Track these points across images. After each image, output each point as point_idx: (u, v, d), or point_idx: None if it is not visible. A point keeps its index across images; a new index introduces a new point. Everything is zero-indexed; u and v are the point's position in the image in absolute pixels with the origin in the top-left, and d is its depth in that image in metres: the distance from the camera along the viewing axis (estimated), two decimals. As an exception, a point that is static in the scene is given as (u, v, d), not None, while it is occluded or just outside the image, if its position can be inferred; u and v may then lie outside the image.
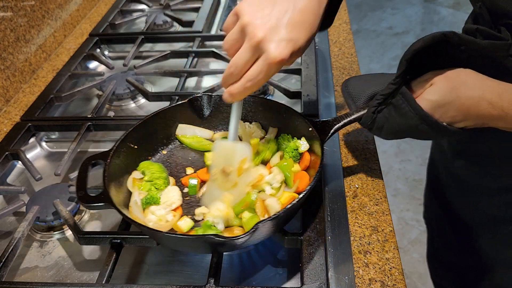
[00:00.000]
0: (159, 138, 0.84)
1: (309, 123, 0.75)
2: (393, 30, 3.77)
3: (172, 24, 1.44)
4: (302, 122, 0.77)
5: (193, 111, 0.86)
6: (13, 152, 0.92)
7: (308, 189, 0.65)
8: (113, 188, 0.70)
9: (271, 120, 0.84)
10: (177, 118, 0.85)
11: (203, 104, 0.86)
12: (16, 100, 1.11)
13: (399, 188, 2.34)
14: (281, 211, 0.61)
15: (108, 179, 0.70)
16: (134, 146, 0.79)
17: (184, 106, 0.85)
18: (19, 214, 0.84)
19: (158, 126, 0.83)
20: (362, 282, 0.64)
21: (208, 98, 0.86)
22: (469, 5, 0.76)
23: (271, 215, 0.61)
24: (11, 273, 0.73)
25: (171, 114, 0.84)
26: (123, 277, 0.72)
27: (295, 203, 0.62)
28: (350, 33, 1.26)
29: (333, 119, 0.74)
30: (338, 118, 0.74)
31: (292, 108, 0.80)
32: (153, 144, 0.83)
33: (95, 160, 0.74)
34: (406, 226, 2.13)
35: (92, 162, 0.74)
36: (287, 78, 1.16)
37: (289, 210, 0.62)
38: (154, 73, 1.16)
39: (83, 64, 1.25)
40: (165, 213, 0.70)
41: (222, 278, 0.69)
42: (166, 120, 0.84)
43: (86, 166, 0.74)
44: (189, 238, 0.63)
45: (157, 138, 0.84)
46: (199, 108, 0.86)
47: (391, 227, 0.72)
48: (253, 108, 0.86)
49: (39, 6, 1.22)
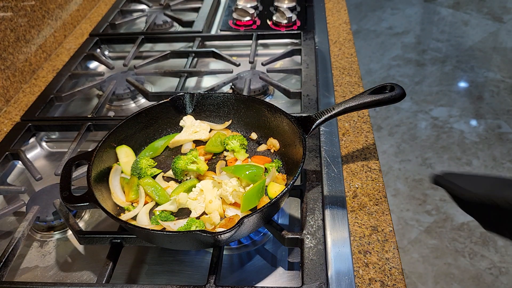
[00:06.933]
0: (143, 137, 0.85)
1: (290, 119, 0.77)
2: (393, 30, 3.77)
3: (172, 24, 1.44)
4: (284, 118, 0.78)
5: (175, 110, 0.87)
6: (13, 152, 0.92)
7: (291, 183, 0.66)
8: (98, 188, 0.71)
9: (253, 117, 0.85)
10: (160, 117, 0.86)
11: (185, 102, 0.87)
12: (16, 100, 1.11)
13: (399, 188, 2.34)
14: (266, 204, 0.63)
15: (92, 179, 0.71)
16: (117, 146, 0.80)
17: (167, 105, 0.86)
18: (19, 214, 0.84)
19: (141, 125, 0.84)
20: (362, 282, 0.64)
21: (190, 97, 0.87)
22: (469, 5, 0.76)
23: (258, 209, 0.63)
24: (11, 273, 0.73)
25: (154, 113, 0.85)
26: (123, 277, 0.72)
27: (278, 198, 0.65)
28: (350, 33, 1.26)
29: (315, 114, 0.76)
30: (320, 113, 0.76)
31: (273, 104, 0.82)
32: (136, 143, 0.84)
33: (79, 161, 0.75)
34: (406, 226, 2.13)
35: (76, 162, 0.75)
36: (287, 78, 1.16)
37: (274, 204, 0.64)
38: (154, 73, 1.16)
39: (83, 64, 1.25)
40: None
41: (222, 278, 0.69)
42: (149, 119, 0.85)
43: (69, 166, 0.74)
44: (176, 235, 0.63)
45: (140, 137, 0.85)
46: (181, 106, 0.87)
47: (391, 227, 0.72)
48: (235, 106, 0.87)
49: (39, 6, 1.22)
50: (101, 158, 0.76)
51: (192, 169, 0.77)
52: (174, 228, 0.68)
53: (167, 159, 0.84)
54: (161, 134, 0.87)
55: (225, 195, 0.71)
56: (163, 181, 0.80)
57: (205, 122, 0.88)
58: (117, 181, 0.77)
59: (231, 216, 0.68)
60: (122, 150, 0.81)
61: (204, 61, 1.26)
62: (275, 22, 1.33)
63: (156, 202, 0.75)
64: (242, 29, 1.33)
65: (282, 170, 0.79)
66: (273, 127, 0.82)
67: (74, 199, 0.68)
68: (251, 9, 1.35)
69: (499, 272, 1.91)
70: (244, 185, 0.74)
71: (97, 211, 0.84)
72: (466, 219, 2.15)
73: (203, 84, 1.18)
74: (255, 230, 0.69)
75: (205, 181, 0.75)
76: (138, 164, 0.79)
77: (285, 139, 0.80)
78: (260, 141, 0.85)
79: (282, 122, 0.80)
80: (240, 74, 1.10)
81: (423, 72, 3.22)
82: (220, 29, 1.36)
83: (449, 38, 3.58)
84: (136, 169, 0.78)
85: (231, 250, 0.75)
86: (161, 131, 0.87)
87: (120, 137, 0.81)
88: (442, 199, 2.26)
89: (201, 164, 0.77)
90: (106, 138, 0.78)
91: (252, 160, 0.81)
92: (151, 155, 0.84)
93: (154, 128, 0.86)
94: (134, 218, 0.73)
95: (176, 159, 0.77)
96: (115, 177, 0.77)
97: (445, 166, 2.44)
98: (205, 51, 1.21)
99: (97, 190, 0.71)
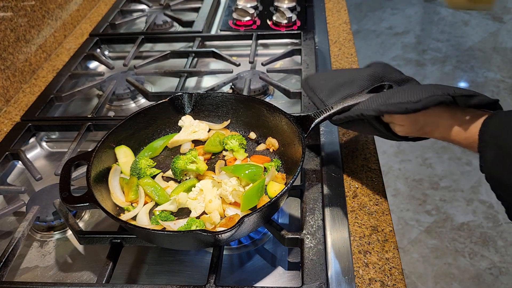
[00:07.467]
0: (142, 137, 0.85)
1: (289, 118, 0.77)
2: (393, 30, 3.77)
3: (172, 24, 1.44)
4: (282, 117, 0.78)
5: (174, 110, 0.87)
6: (13, 152, 0.92)
7: (291, 182, 0.66)
8: (97, 188, 0.71)
9: (251, 117, 0.85)
10: (159, 117, 0.86)
11: (184, 102, 0.87)
12: (16, 100, 1.11)
13: (399, 188, 2.34)
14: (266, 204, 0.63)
15: (92, 179, 0.71)
16: (116, 146, 0.80)
17: (165, 105, 0.86)
18: (19, 214, 0.84)
19: (139, 125, 0.84)
20: (362, 282, 0.64)
21: (189, 97, 0.87)
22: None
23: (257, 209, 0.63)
24: (11, 273, 0.73)
25: (152, 113, 0.85)
26: (123, 277, 0.72)
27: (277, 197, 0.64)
28: (350, 33, 1.26)
29: (314, 113, 0.76)
30: (319, 112, 0.76)
31: (272, 104, 0.82)
32: (135, 143, 0.84)
33: (78, 161, 0.75)
34: (406, 226, 2.13)
35: (75, 163, 0.75)
36: (287, 78, 1.16)
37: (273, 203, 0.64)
38: (154, 73, 1.16)
39: (83, 64, 1.25)
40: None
41: (222, 278, 0.69)
42: (148, 120, 0.85)
43: (69, 167, 0.74)
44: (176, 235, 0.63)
45: (139, 137, 0.84)
46: (180, 106, 0.87)
47: (391, 227, 0.72)
48: (233, 106, 0.87)
49: (39, 6, 1.22)
50: (101, 159, 0.76)
51: (192, 169, 0.77)
52: (174, 228, 0.68)
53: (166, 159, 0.84)
54: (160, 134, 0.87)
55: (224, 195, 0.71)
56: (163, 181, 0.80)
57: (204, 122, 0.88)
58: (116, 181, 0.77)
59: (231, 216, 0.68)
60: (121, 150, 0.81)
61: (204, 61, 1.26)
62: (275, 22, 1.33)
63: (156, 202, 0.75)
64: (242, 29, 1.33)
65: (282, 169, 0.79)
66: (272, 127, 0.82)
67: (73, 199, 0.68)
68: (251, 9, 1.35)
69: (499, 272, 1.91)
70: (243, 185, 0.74)
71: (97, 211, 0.84)
72: (466, 219, 2.15)
73: (203, 84, 1.18)
74: (255, 229, 0.69)
75: (205, 181, 0.75)
76: (137, 164, 0.79)
77: (284, 139, 0.80)
78: (259, 141, 0.85)
79: (281, 121, 0.80)
80: (240, 74, 1.10)
81: (423, 72, 3.22)
82: (220, 29, 1.36)
83: (449, 38, 3.58)
84: (135, 169, 0.78)
85: (231, 250, 0.75)
86: (160, 131, 0.87)
87: (119, 137, 0.81)
88: (442, 199, 2.26)
89: (201, 164, 0.77)
90: (105, 139, 0.78)
91: (251, 160, 0.81)
92: (150, 155, 0.84)
93: (153, 128, 0.86)
94: (134, 218, 0.72)
95: (176, 159, 0.77)
96: (114, 177, 0.77)
97: (445, 166, 2.44)
98: (205, 51, 1.21)
99: (96, 190, 0.71)
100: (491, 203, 2.21)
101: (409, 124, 0.68)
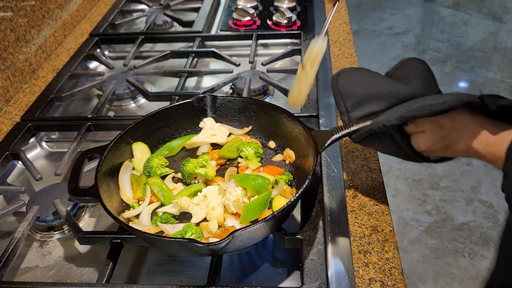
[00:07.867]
0: (161, 135, 0.84)
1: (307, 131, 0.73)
2: (393, 30, 3.77)
3: (172, 24, 1.44)
4: (302, 129, 0.75)
5: (197, 111, 0.86)
6: (13, 152, 0.92)
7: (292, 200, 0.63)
8: (105, 182, 0.71)
9: (273, 125, 0.83)
10: (180, 117, 0.85)
11: (207, 104, 0.86)
12: (16, 100, 1.11)
13: (399, 188, 2.34)
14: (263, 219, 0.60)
15: (102, 173, 0.70)
16: (133, 142, 0.80)
17: (188, 105, 0.85)
18: (19, 214, 0.84)
19: (160, 123, 0.83)
20: (362, 282, 0.64)
21: (213, 99, 0.85)
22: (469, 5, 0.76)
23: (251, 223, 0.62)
24: (11, 273, 0.73)
25: (174, 112, 0.84)
26: (123, 277, 0.72)
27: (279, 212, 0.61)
28: (350, 33, 1.26)
29: (332, 129, 0.71)
30: (337, 128, 0.70)
31: (293, 114, 0.78)
32: (154, 141, 0.83)
33: (92, 154, 0.75)
34: (406, 226, 2.13)
35: (88, 155, 0.75)
36: (287, 78, 1.16)
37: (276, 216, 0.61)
38: (154, 73, 1.16)
39: (83, 64, 1.25)
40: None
41: (222, 278, 0.69)
42: (169, 118, 0.84)
43: (82, 159, 0.74)
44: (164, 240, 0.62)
45: (159, 135, 0.84)
46: (203, 108, 0.86)
47: (391, 227, 0.72)
48: (256, 112, 0.84)
49: (39, 6, 1.22)
50: (115, 153, 0.76)
51: (200, 173, 0.76)
52: (171, 231, 0.67)
53: (181, 159, 0.83)
54: (181, 134, 0.86)
55: (227, 204, 0.70)
56: (172, 182, 0.79)
57: (225, 126, 0.86)
58: (127, 177, 0.77)
59: (227, 227, 0.67)
60: (138, 147, 0.80)
61: (204, 61, 1.26)
62: (275, 22, 1.33)
63: (161, 203, 0.75)
64: (242, 29, 1.33)
65: (294, 183, 0.76)
66: (291, 138, 0.79)
67: (79, 191, 0.68)
68: (251, 9, 1.35)
69: (499, 272, 1.91)
70: (249, 196, 0.72)
71: (97, 211, 0.84)
72: (466, 219, 2.15)
73: (203, 84, 1.18)
74: (254, 243, 0.67)
75: (212, 187, 0.74)
76: (149, 163, 0.78)
77: (300, 151, 0.77)
78: (278, 151, 0.83)
79: (299, 134, 0.76)
80: (240, 74, 1.10)
81: (423, 72, 3.22)
82: (220, 29, 1.36)
83: (449, 38, 3.58)
84: (146, 167, 0.78)
85: (231, 250, 0.75)
86: (181, 131, 0.86)
87: (138, 133, 0.80)
88: (442, 199, 2.26)
89: (210, 169, 0.76)
90: (123, 134, 0.77)
91: (264, 170, 0.78)
92: (167, 155, 0.83)
93: (173, 128, 0.85)
94: (138, 216, 0.72)
95: (186, 161, 0.76)
96: (125, 174, 0.77)
97: (445, 166, 2.44)
98: (205, 51, 1.21)
99: (104, 184, 0.70)
100: (491, 203, 2.21)
101: (433, 132, 0.63)
